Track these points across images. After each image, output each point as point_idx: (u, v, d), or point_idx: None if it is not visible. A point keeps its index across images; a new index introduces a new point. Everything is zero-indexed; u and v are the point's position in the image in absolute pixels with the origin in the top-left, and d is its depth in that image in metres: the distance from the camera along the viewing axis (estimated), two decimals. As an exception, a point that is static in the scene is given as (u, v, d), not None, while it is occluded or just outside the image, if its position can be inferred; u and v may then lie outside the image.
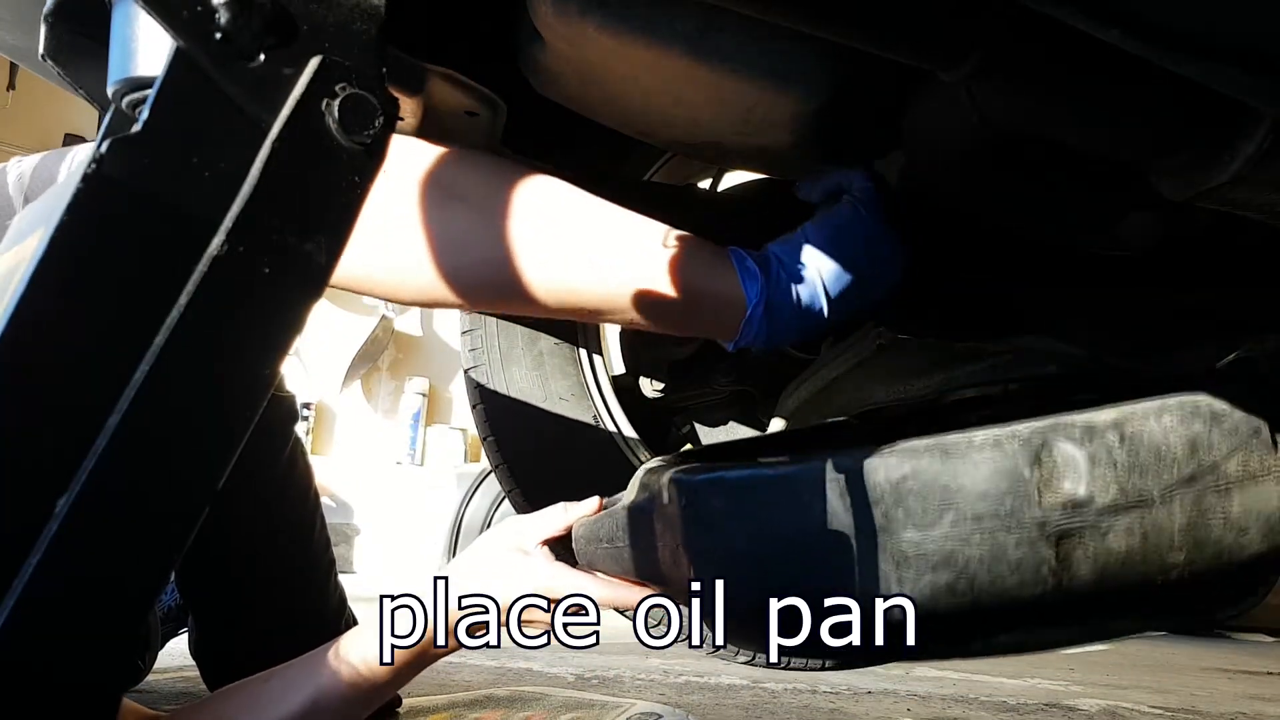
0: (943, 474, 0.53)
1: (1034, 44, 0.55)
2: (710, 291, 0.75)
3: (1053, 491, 0.53)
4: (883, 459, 0.54)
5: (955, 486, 0.53)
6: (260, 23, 0.34)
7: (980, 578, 0.52)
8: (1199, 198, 0.56)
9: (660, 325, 0.81)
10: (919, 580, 0.53)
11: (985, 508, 0.52)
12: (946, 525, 0.53)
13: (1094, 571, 0.53)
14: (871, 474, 0.54)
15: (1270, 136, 0.50)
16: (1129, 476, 0.53)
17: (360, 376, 5.25)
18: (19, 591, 0.29)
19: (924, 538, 0.53)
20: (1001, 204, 0.77)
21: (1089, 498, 0.52)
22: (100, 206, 0.31)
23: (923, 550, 0.53)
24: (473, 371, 1.35)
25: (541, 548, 0.79)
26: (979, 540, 0.52)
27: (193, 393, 0.33)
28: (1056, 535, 0.52)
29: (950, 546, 0.52)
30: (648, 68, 0.72)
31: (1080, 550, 0.52)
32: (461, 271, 0.72)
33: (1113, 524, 0.52)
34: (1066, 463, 0.53)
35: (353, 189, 0.36)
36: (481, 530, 4.27)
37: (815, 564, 0.55)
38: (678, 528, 0.61)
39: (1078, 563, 0.52)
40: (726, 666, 1.97)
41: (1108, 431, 0.53)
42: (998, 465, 0.53)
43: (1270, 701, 2.23)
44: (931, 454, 0.54)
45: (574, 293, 0.74)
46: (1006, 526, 0.52)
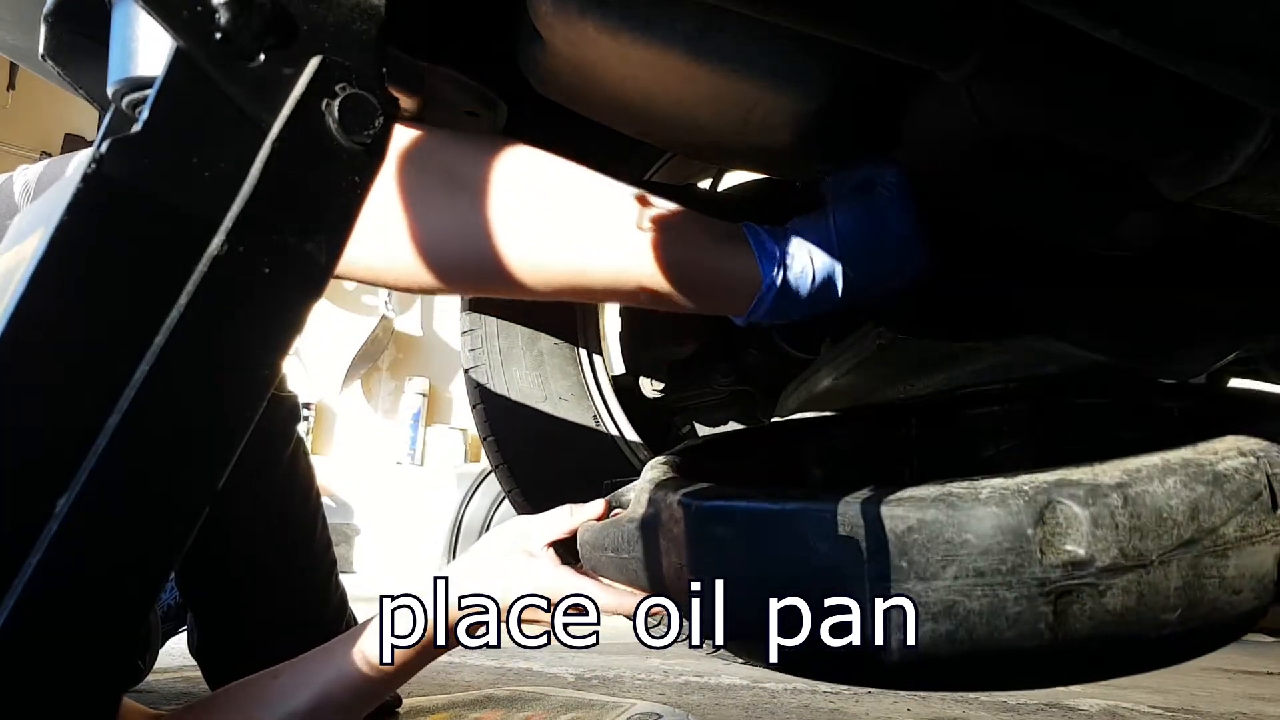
0: (948, 527, 0.54)
1: (1034, 44, 0.55)
2: (724, 266, 0.75)
3: (1054, 550, 0.53)
4: (890, 508, 0.55)
5: (959, 541, 0.54)
6: (260, 23, 0.34)
7: (979, 630, 0.53)
8: (1199, 198, 0.56)
9: (671, 300, 0.81)
10: (920, 628, 0.54)
11: (987, 564, 0.53)
12: (949, 578, 0.54)
13: (1090, 628, 0.53)
14: (877, 522, 0.55)
15: (1270, 136, 0.50)
16: (1129, 539, 0.53)
17: (360, 376, 5.25)
18: (19, 591, 0.29)
19: (926, 589, 0.54)
20: (1001, 204, 0.77)
21: (1089, 558, 0.53)
22: (100, 206, 0.31)
23: (924, 600, 0.54)
24: (473, 371, 1.35)
25: (546, 550, 0.79)
26: (980, 594, 0.53)
27: (193, 393, 0.33)
28: (1055, 593, 0.53)
29: (951, 599, 0.53)
30: (648, 68, 0.72)
31: (1077, 608, 0.53)
32: (465, 254, 0.71)
33: (1111, 584, 0.53)
34: (1070, 522, 0.53)
35: (353, 189, 0.36)
36: (481, 530, 4.27)
37: (815, 602, 0.56)
38: (682, 549, 0.62)
39: (1074, 619, 0.53)
40: (726, 666, 1.97)
41: (1112, 493, 0.54)
42: (1001, 522, 0.53)
43: (1270, 701, 2.23)
44: (938, 506, 0.55)
45: (582, 269, 0.73)
46: (1007, 583, 0.53)
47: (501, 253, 0.71)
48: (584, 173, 0.75)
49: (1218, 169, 0.53)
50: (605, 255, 0.73)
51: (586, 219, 0.73)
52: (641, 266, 0.74)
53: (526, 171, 0.73)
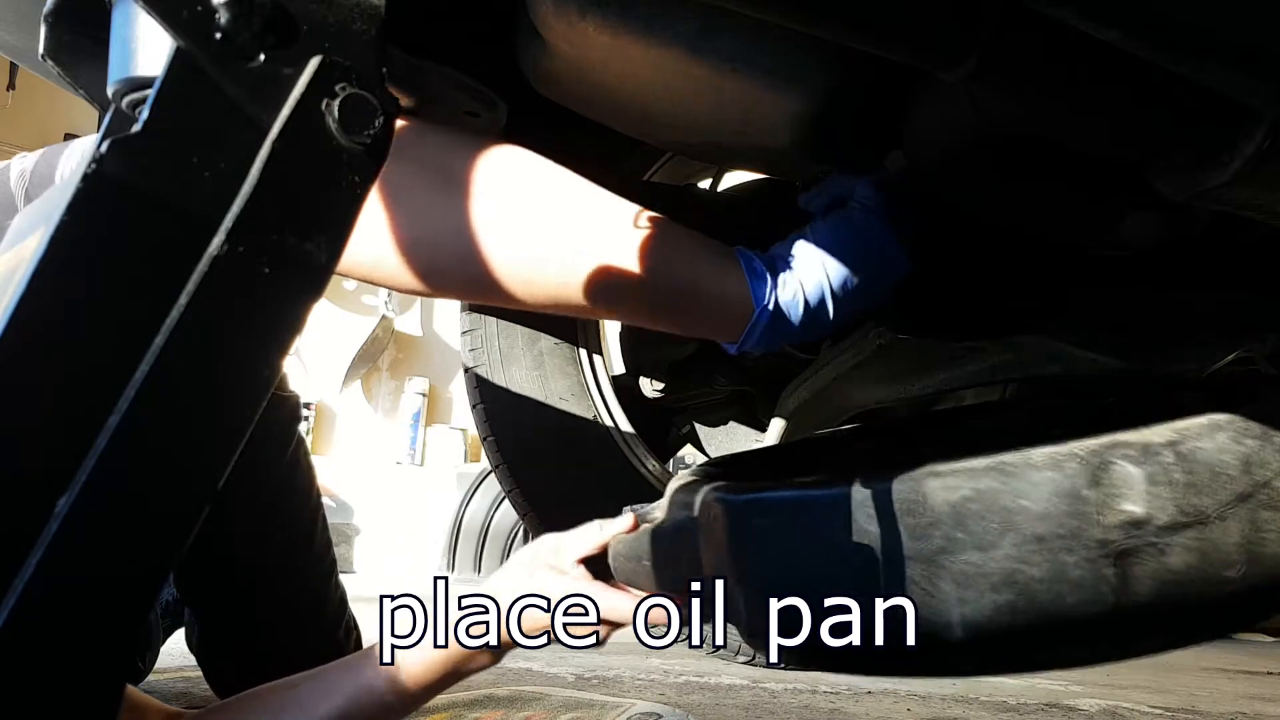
0: (1003, 495, 0.53)
1: (1033, 44, 0.55)
2: (715, 293, 0.74)
3: (1112, 511, 0.53)
4: (943, 480, 0.54)
5: (1016, 508, 0.53)
6: (260, 23, 0.34)
7: (1040, 597, 0.53)
8: (1198, 198, 0.56)
9: (661, 324, 0.80)
10: (980, 600, 0.53)
11: (1046, 528, 0.53)
12: (1008, 546, 0.53)
13: (1153, 589, 0.53)
14: (931, 495, 0.54)
15: (1270, 137, 0.50)
16: (1186, 495, 0.53)
17: (360, 376, 5.25)
18: (19, 591, 0.29)
19: (985, 559, 0.53)
20: (1001, 204, 0.77)
21: (1148, 516, 0.53)
22: (100, 206, 0.31)
23: (984, 570, 0.53)
24: (473, 371, 1.35)
25: (578, 566, 0.78)
26: (1040, 560, 0.52)
27: (193, 393, 0.33)
28: (1116, 554, 0.52)
29: (1011, 567, 0.53)
30: (648, 68, 0.72)
31: (1139, 568, 0.53)
32: (449, 258, 0.70)
33: (1171, 542, 0.53)
34: (1125, 482, 0.53)
35: (353, 189, 0.36)
36: (482, 530, 4.28)
37: (871, 586, 0.55)
38: (722, 547, 0.61)
39: (1137, 581, 0.53)
40: (726, 666, 1.97)
41: (1164, 450, 0.54)
42: (1058, 486, 0.53)
43: (1270, 701, 2.23)
44: (991, 475, 0.54)
45: (568, 288, 0.72)
46: (1068, 547, 0.52)
47: (487, 260, 0.70)
48: (584, 187, 0.74)
49: (1217, 169, 0.53)
50: (595, 272, 0.72)
51: (580, 235, 0.72)
52: (632, 287, 0.73)
53: (520, 178, 0.72)
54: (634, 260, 0.73)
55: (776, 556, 0.59)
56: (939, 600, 0.54)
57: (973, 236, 0.85)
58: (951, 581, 0.53)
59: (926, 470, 0.55)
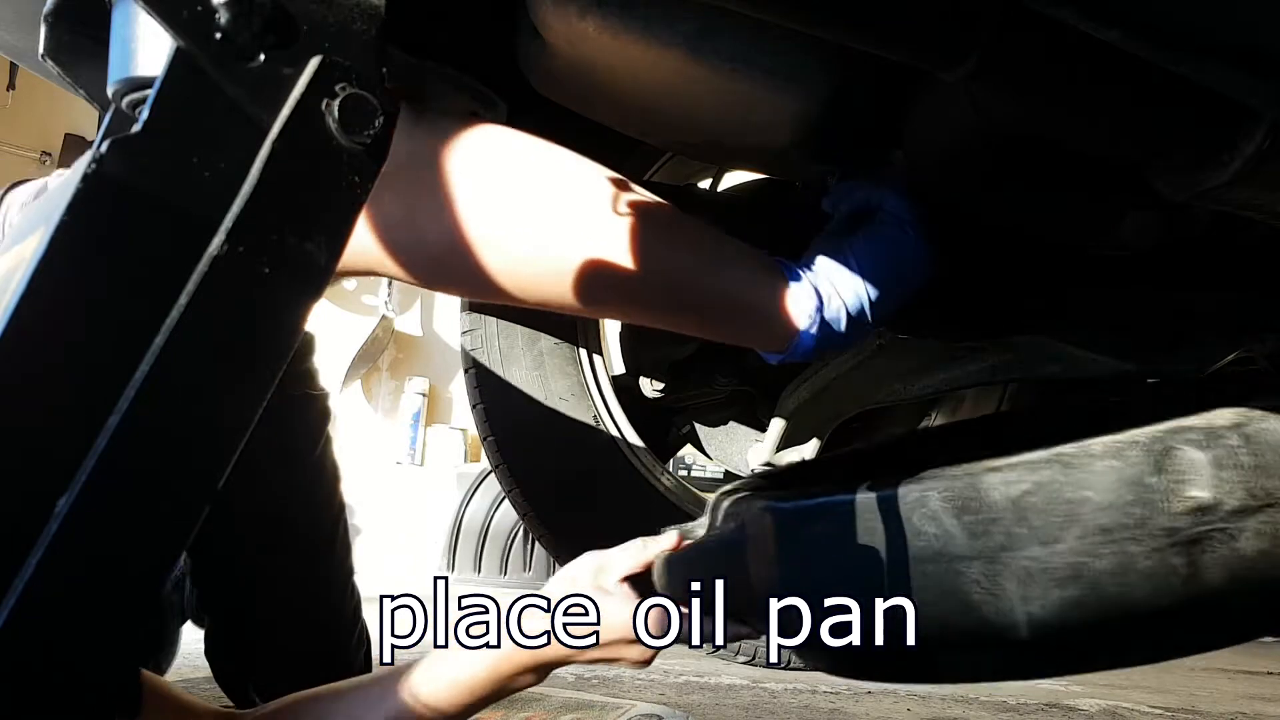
0: (1066, 487, 0.52)
1: (1033, 44, 0.55)
2: (762, 307, 0.74)
3: (1179, 498, 0.51)
4: (1001, 475, 0.53)
5: (1079, 499, 0.51)
6: (260, 23, 0.34)
7: (1109, 590, 0.51)
8: (1198, 198, 0.56)
9: (698, 332, 0.80)
10: (1046, 597, 0.52)
11: (1112, 519, 0.51)
12: (1072, 539, 0.51)
13: (1224, 576, 0.51)
14: (989, 491, 0.53)
15: (1270, 137, 0.50)
16: (1255, 478, 0.52)
17: (360, 376, 5.25)
18: (20, 591, 0.29)
19: (1049, 553, 0.51)
20: (1001, 204, 0.77)
21: (1216, 502, 0.51)
22: (100, 206, 0.31)
23: (1048, 566, 0.51)
24: (473, 372, 1.35)
25: (622, 585, 0.77)
26: (1107, 553, 0.51)
27: (193, 393, 0.33)
28: (1186, 542, 0.51)
29: (1077, 560, 0.51)
30: (648, 68, 0.72)
31: (1210, 555, 0.51)
32: (450, 249, 0.68)
33: (1242, 527, 0.51)
34: (1191, 467, 0.52)
35: (353, 189, 0.36)
36: (482, 530, 4.28)
37: (931, 587, 0.54)
38: (773, 558, 0.59)
39: (1208, 568, 0.51)
40: (726, 666, 1.97)
41: (1229, 433, 0.52)
42: (1122, 474, 0.51)
43: (1270, 701, 2.23)
44: (1051, 466, 0.52)
45: (601, 290, 0.71)
46: (1135, 537, 0.51)
47: (525, 261, 0.68)
48: (617, 184, 0.72)
49: (1217, 169, 0.53)
50: (634, 276, 0.70)
51: (618, 238, 0.70)
52: (676, 295, 0.72)
53: (556, 169, 0.71)
54: (678, 267, 0.72)
55: (830, 563, 0.58)
56: (1003, 599, 0.52)
57: (973, 237, 0.85)
58: (1015, 579, 0.52)
59: (983, 466, 0.54)
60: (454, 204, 0.66)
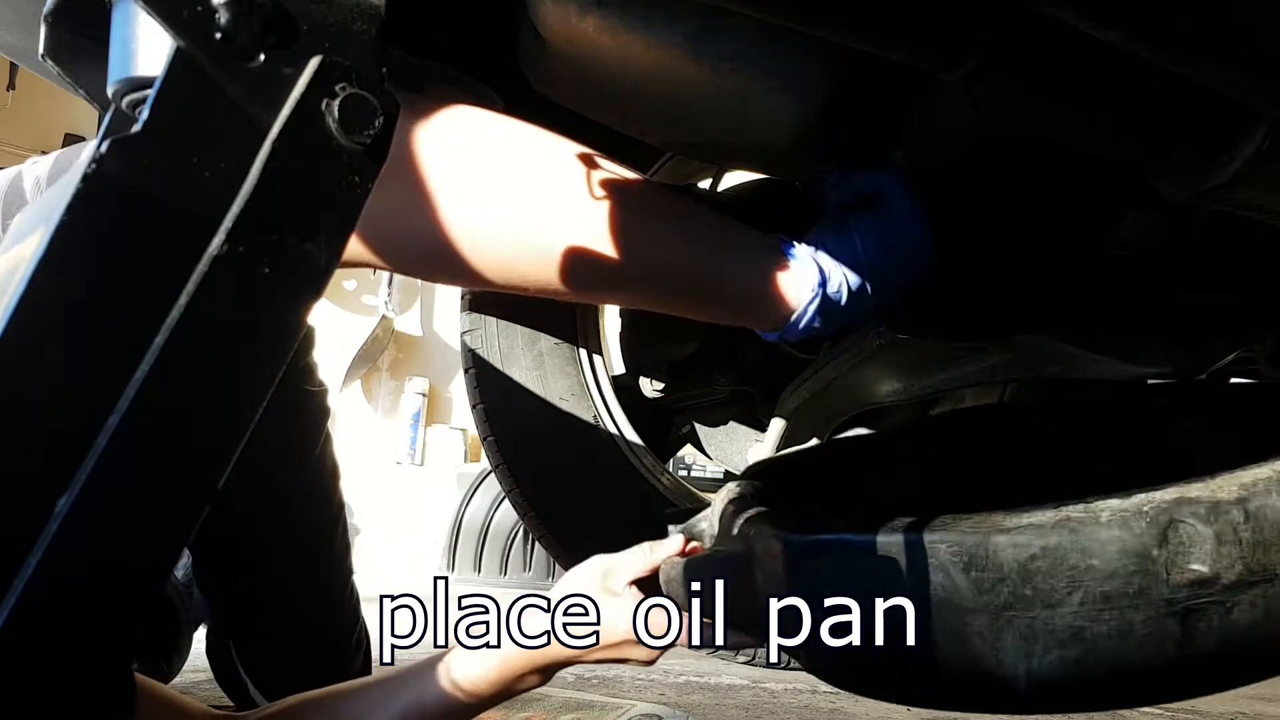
0: (1071, 554, 0.54)
1: (1034, 44, 0.55)
2: (760, 283, 0.75)
3: (1179, 570, 0.53)
4: (1010, 537, 0.55)
5: (1084, 566, 0.54)
6: (260, 23, 0.34)
7: (1106, 652, 0.53)
8: (1198, 198, 0.56)
9: (698, 313, 0.80)
10: (1046, 655, 0.54)
11: (1114, 587, 0.53)
12: (1075, 604, 0.53)
13: (1217, 643, 0.54)
14: (998, 551, 0.55)
15: (1270, 137, 0.50)
16: (1254, 553, 0.53)
17: (360, 376, 5.25)
18: (19, 591, 0.29)
19: (1053, 615, 0.54)
20: (1001, 203, 0.77)
21: (1215, 575, 0.53)
22: (100, 206, 0.31)
23: (1051, 627, 0.53)
24: (473, 372, 1.35)
25: (629, 588, 0.77)
26: (1107, 618, 0.53)
27: (193, 393, 0.33)
28: (1183, 612, 0.53)
29: (1078, 624, 0.53)
30: (647, 68, 0.72)
31: (1205, 624, 0.53)
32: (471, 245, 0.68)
33: (1238, 600, 0.53)
34: (1193, 541, 0.53)
35: (353, 189, 0.36)
36: (482, 530, 4.28)
37: (934, 633, 0.56)
38: (781, 585, 0.61)
39: (1202, 636, 0.53)
40: (726, 666, 1.97)
41: (1233, 509, 0.54)
42: (1126, 545, 0.53)
43: (1270, 701, 2.23)
44: (1058, 531, 0.54)
45: (592, 272, 0.71)
46: (1135, 605, 0.53)
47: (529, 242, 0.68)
48: (615, 169, 0.72)
49: (1217, 169, 0.53)
50: (625, 257, 0.70)
51: (620, 219, 0.70)
52: (670, 272, 0.73)
53: (545, 156, 0.70)
54: (671, 244, 0.72)
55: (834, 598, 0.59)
56: (1003, 653, 0.54)
57: (973, 236, 0.85)
58: (1017, 636, 0.54)
59: (992, 524, 0.55)
60: (440, 193, 0.66)
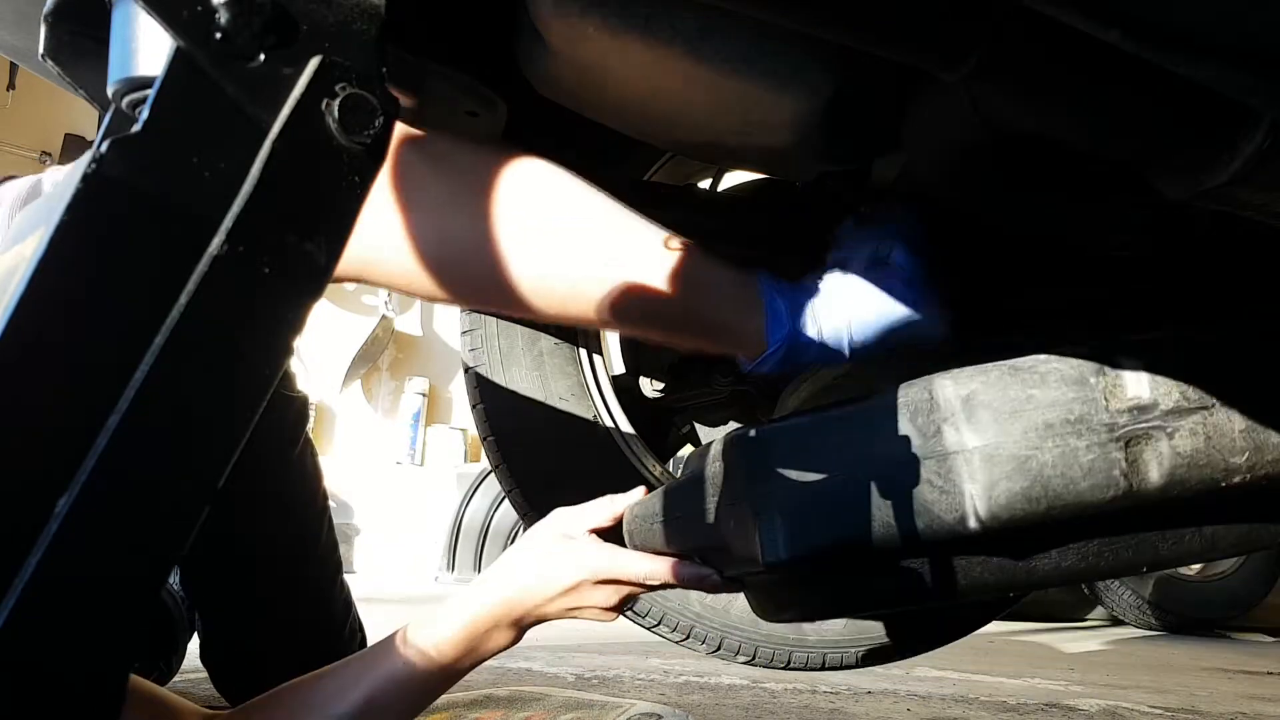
0: (1012, 385, 0.56)
1: (1034, 44, 0.55)
2: (731, 325, 0.76)
3: (1118, 397, 0.55)
4: (952, 378, 0.57)
5: (1024, 396, 0.55)
6: (260, 23, 0.34)
7: (1054, 483, 0.54)
8: (1199, 198, 0.56)
9: (676, 345, 0.81)
10: (994, 489, 0.54)
11: (1055, 415, 0.55)
12: (1018, 433, 0.55)
13: (1163, 474, 0.55)
14: (940, 392, 0.56)
15: (1270, 137, 0.50)
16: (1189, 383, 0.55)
17: (360, 376, 5.26)
18: (19, 591, 0.29)
19: (997, 447, 0.55)
20: (1002, 204, 0.77)
21: (1153, 402, 0.55)
22: (100, 206, 0.31)
23: (996, 459, 0.54)
24: (473, 371, 1.35)
25: (588, 534, 0.80)
26: (1051, 446, 0.54)
27: (193, 393, 0.33)
28: (1125, 439, 0.54)
29: (1024, 453, 0.54)
30: (648, 68, 0.72)
31: (1149, 451, 0.55)
32: (466, 265, 0.71)
33: (1178, 426, 0.55)
34: (1129, 369, 0.55)
35: (353, 189, 0.36)
36: (482, 530, 4.28)
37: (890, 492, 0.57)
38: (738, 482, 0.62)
39: (1147, 464, 0.55)
40: (726, 666, 1.97)
41: (1164, 343, 0.56)
42: (1064, 375, 0.55)
43: (1270, 701, 2.23)
44: (999, 370, 0.56)
45: (593, 306, 0.73)
46: (1076, 432, 0.54)
47: (518, 275, 0.70)
48: (615, 210, 0.74)
49: (1218, 169, 0.53)
50: (621, 294, 0.72)
51: (609, 256, 0.72)
52: (655, 311, 0.74)
53: (539, 188, 0.72)
54: (660, 285, 0.74)
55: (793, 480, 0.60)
56: (954, 495, 0.55)
57: (973, 237, 0.85)
58: (965, 474, 0.55)
59: (935, 374, 0.57)
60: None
